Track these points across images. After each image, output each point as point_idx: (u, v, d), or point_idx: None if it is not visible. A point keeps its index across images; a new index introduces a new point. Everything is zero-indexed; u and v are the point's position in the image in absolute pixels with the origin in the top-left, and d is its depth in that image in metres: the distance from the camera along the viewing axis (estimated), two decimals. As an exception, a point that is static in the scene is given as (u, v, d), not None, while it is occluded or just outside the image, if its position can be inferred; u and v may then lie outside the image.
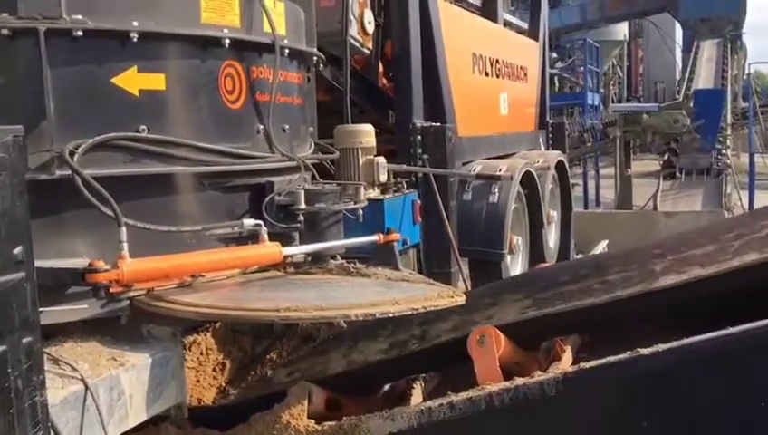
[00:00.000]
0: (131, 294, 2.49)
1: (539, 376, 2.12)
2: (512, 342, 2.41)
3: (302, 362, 3.06)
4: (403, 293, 2.58)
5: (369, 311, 2.34)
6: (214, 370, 3.18)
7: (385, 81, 5.44)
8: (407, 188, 4.35)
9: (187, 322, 2.65)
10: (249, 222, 2.74)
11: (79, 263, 2.37)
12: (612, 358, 2.05)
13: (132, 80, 2.57)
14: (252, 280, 2.84)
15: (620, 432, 2.09)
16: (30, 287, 1.70)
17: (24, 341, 1.68)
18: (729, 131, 17.34)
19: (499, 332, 2.35)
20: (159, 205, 2.69)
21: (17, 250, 1.66)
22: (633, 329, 2.53)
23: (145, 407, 2.33)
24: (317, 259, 3.08)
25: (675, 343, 1.99)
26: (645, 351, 2.00)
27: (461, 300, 2.56)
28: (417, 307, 2.40)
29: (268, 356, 3.31)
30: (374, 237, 3.20)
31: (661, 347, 2.00)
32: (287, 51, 3.13)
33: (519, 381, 2.13)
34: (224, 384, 3.17)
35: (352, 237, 3.21)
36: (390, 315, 2.37)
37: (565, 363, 2.71)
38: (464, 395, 2.18)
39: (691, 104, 15.68)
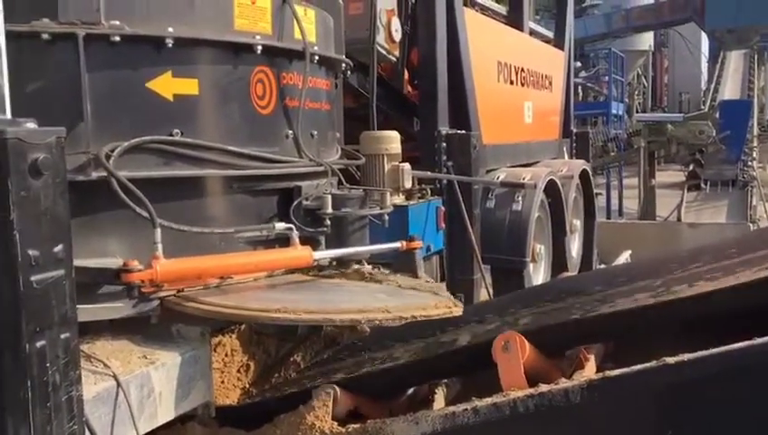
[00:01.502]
0: (162, 294, 2.54)
1: (564, 383, 2.13)
2: (536, 349, 2.42)
3: (326, 365, 3.09)
4: (402, 300, 2.62)
5: (356, 317, 2.39)
6: (238, 371, 3.22)
7: (410, 88, 5.49)
8: (431, 195, 4.39)
9: (215, 322, 2.69)
10: (280, 226, 2.79)
11: (112, 262, 2.43)
12: (638, 366, 2.05)
13: (167, 84, 2.63)
14: (275, 283, 2.88)
15: (645, 441, 2.09)
16: (69, 284, 1.75)
17: (62, 336, 1.73)
18: (755, 143, 17.15)
19: (524, 338, 2.36)
20: (190, 207, 2.74)
21: (57, 248, 1.72)
22: (658, 338, 2.53)
23: (174, 405, 2.37)
24: (341, 263, 3.12)
25: (701, 353, 1.99)
26: (670, 360, 2.00)
27: (458, 311, 2.57)
28: (406, 316, 2.42)
29: (292, 359, 3.34)
30: (397, 244, 3.22)
31: (687, 357, 2.00)
32: (317, 57, 3.17)
33: (544, 387, 2.14)
34: (248, 386, 3.21)
35: (376, 242, 3.24)
36: (377, 323, 2.41)
37: (589, 372, 2.71)
38: (488, 400, 2.19)
39: (717, 115, 15.54)
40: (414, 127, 5.06)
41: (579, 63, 20.25)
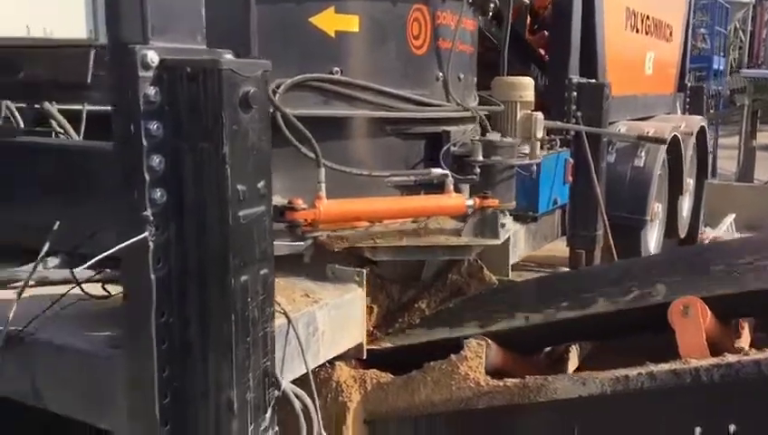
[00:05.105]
0: (316, 233, 2.53)
1: (755, 354, 2.02)
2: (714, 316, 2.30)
3: (452, 315, 3.06)
4: None
5: None
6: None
7: (529, 34, 5.26)
8: (559, 147, 4.23)
9: (366, 263, 2.67)
10: (437, 171, 2.72)
11: (276, 200, 2.41)
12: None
13: (329, 20, 2.57)
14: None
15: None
16: (268, 220, 1.72)
17: (262, 272, 1.71)
18: None
19: (704, 303, 2.25)
20: (342, 148, 2.71)
21: (261, 184, 1.68)
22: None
23: (333, 344, 2.38)
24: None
25: None
26: None
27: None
28: None
29: (416, 305, 3.32)
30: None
31: None
32: (470, -4, 3.04)
33: (731, 357, 2.03)
34: (371, 329, 3.21)
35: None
36: None
37: (745, 342, 2.60)
38: (666, 367, 2.10)
39: (830, 74, 14.52)
40: (531, 74, 4.85)
41: (677, 14, 19.12)
